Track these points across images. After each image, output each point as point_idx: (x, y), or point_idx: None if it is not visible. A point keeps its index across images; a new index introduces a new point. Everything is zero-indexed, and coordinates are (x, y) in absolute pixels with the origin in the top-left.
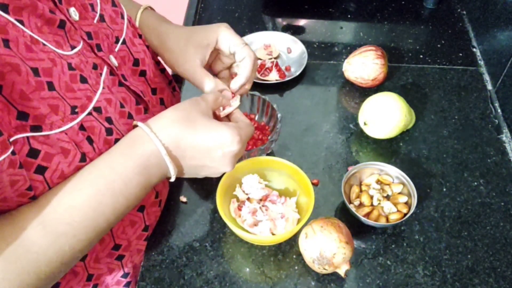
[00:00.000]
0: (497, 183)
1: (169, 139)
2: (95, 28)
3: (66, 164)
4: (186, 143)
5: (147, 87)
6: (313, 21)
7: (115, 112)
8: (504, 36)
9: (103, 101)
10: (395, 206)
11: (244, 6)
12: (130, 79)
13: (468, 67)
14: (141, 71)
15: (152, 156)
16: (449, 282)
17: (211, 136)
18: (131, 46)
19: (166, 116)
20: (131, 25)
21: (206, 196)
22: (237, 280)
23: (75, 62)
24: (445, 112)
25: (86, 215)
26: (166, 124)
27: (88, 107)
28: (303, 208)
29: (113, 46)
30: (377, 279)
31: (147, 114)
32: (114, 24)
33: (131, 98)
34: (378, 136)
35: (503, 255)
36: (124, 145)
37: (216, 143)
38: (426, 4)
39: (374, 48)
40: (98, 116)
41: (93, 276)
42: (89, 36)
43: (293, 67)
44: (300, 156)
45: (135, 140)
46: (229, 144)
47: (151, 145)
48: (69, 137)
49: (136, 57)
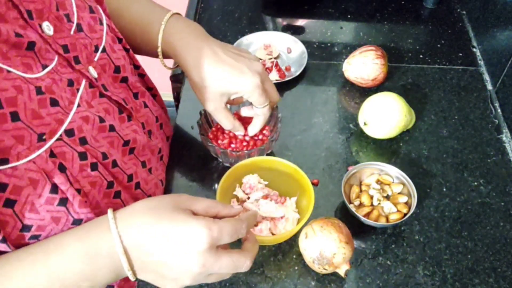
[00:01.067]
0: (497, 183)
1: (128, 230)
2: (72, 40)
3: (35, 196)
4: (146, 234)
5: (129, 93)
6: (313, 21)
7: (92, 129)
8: (504, 36)
9: (78, 121)
10: (395, 206)
11: (244, 6)
12: (111, 87)
13: (468, 67)
14: (122, 77)
15: (103, 245)
16: (449, 282)
17: (174, 228)
18: (111, 53)
19: (136, 205)
20: (110, 30)
21: (206, 196)
22: (237, 280)
23: (45, 85)
24: (445, 112)
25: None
26: (131, 212)
27: (57, 132)
28: (303, 208)
29: (92, 55)
30: (377, 279)
31: (131, 121)
32: (92, 32)
33: (114, 108)
34: (378, 136)
35: (503, 255)
36: (82, 227)
37: (177, 238)
38: (426, 4)
39: (374, 48)
40: (70, 140)
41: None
42: (65, 49)
43: (293, 67)
44: (300, 156)
45: (94, 225)
46: (194, 238)
47: (107, 234)
48: (37, 166)
49: (117, 64)
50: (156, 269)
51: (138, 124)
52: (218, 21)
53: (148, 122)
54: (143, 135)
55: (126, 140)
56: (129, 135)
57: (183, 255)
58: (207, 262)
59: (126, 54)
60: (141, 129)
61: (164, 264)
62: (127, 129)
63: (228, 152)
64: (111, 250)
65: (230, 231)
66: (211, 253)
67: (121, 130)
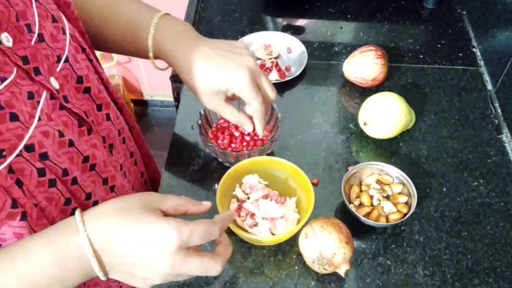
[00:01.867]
0: (497, 183)
1: (97, 231)
2: (33, 51)
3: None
4: (113, 237)
5: (92, 104)
6: (313, 21)
7: (53, 144)
8: (504, 36)
9: (38, 136)
10: (395, 206)
11: (244, 6)
12: (73, 99)
13: (468, 67)
14: (85, 88)
15: (72, 247)
16: (449, 282)
17: (143, 229)
18: (74, 63)
19: (103, 205)
20: (73, 40)
21: (206, 196)
22: (237, 280)
23: (4, 99)
24: (445, 112)
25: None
26: (98, 214)
27: (17, 148)
28: (303, 208)
29: (54, 66)
30: (377, 279)
31: (91, 135)
32: (55, 42)
33: (73, 121)
34: (378, 136)
35: (503, 255)
36: (49, 231)
37: (146, 239)
38: (426, 4)
39: (374, 48)
40: (29, 155)
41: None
42: (25, 60)
43: (293, 67)
44: (300, 156)
45: (62, 228)
46: (163, 239)
47: (75, 236)
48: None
49: (79, 74)
50: (125, 269)
51: (98, 138)
52: (219, 21)
53: (110, 135)
54: (102, 150)
55: (85, 156)
56: (88, 151)
57: (152, 257)
58: (176, 263)
59: (90, 64)
60: (101, 143)
61: (133, 265)
62: (86, 143)
63: (228, 152)
64: (81, 252)
65: (201, 233)
66: (180, 254)
67: (80, 145)
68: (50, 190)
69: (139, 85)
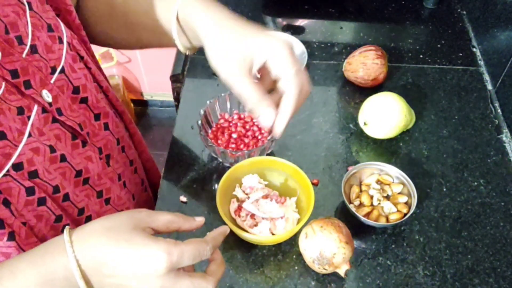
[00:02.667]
0: (497, 183)
1: (85, 253)
2: (23, 63)
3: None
4: (103, 257)
5: (89, 114)
6: (313, 21)
7: (44, 161)
8: (504, 36)
9: (27, 153)
10: (395, 206)
11: (244, 6)
12: (68, 111)
13: (468, 67)
14: (81, 98)
15: (60, 269)
16: (449, 282)
17: (132, 251)
18: (71, 73)
19: (92, 224)
20: (71, 49)
21: (206, 196)
22: (237, 280)
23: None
24: (445, 112)
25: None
26: (87, 233)
27: (4, 167)
28: (303, 208)
29: (47, 78)
30: (377, 279)
31: (86, 147)
32: (50, 53)
33: (66, 134)
34: (378, 136)
35: (503, 255)
36: (36, 251)
37: (136, 262)
38: (426, 4)
39: (374, 48)
40: (17, 174)
41: None
42: (14, 74)
43: None
44: (300, 156)
45: (49, 248)
46: (153, 263)
47: (63, 257)
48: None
49: (76, 85)
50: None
51: (93, 150)
52: None
53: (107, 146)
54: (97, 161)
55: (78, 170)
56: (81, 164)
57: (141, 278)
58: (165, 285)
59: (88, 73)
60: (97, 155)
61: (122, 286)
62: (79, 156)
63: (228, 152)
64: (68, 273)
65: (191, 254)
66: (170, 276)
67: (72, 159)
68: (40, 208)
69: (139, 85)
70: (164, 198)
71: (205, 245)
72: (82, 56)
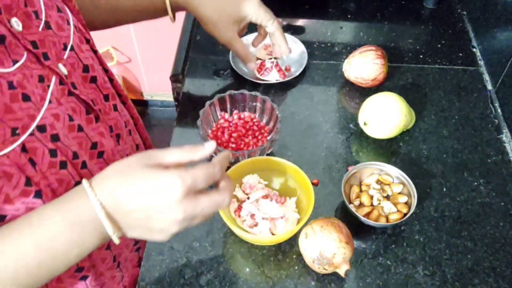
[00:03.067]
0: (497, 183)
1: (106, 195)
2: (41, 36)
3: (10, 187)
4: (123, 198)
5: (98, 94)
6: (313, 21)
7: (63, 127)
8: (504, 36)
9: (49, 117)
10: (395, 206)
11: None
12: (81, 87)
13: (468, 67)
14: (91, 77)
15: (85, 212)
16: (449, 282)
17: (148, 184)
18: (79, 53)
19: (107, 169)
20: (77, 31)
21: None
22: (237, 280)
23: (17, 80)
24: (445, 112)
25: (5, 265)
26: (105, 179)
27: (30, 127)
28: (303, 208)
29: (61, 53)
30: (377, 279)
31: (99, 123)
32: (61, 30)
33: (81, 108)
34: (378, 136)
35: (503, 255)
36: (61, 199)
37: (154, 193)
38: (426, 4)
39: (374, 48)
40: (42, 136)
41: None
42: (34, 45)
43: (293, 67)
44: (300, 156)
45: (73, 195)
46: (169, 189)
47: (86, 201)
48: (11, 160)
49: (85, 63)
50: (141, 225)
51: (105, 127)
52: None
53: (117, 125)
54: (109, 138)
55: (94, 142)
56: (96, 137)
57: (163, 207)
58: (187, 208)
59: (94, 56)
60: (108, 132)
61: (147, 219)
62: (93, 131)
63: None
64: (94, 216)
65: (203, 176)
66: (189, 199)
67: (88, 131)
68: (61, 172)
69: (139, 85)
70: None
71: (213, 167)
72: (88, 39)
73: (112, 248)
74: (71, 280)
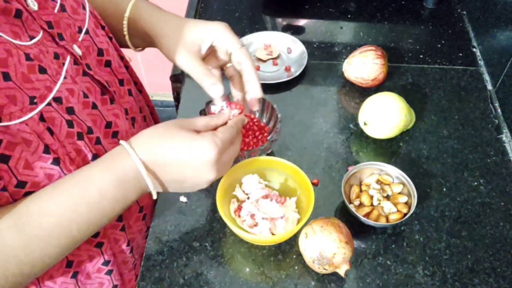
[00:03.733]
0: (497, 183)
1: (146, 154)
2: (56, 18)
3: (29, 153)
4: (163, 157)
5: (113, 78)
6: (313, 21)
7: (78, 103)
8: (504, 36)
9: (64, 91)
10: (395, 206)
11: (244, 6)
12: (96, 68)
13: (468, 67)
14: (106, 61)
15: (129, 170)
16: (449, 282)
17: (184, 148)
18: (95, 37)
19: (145, 133)
20: (93, 16)
21: (206, 196)
22: (237, 280)
23: (33, 53)
24: (445, 112)
25: (58, 222)
26: (144, 140)
27: (47, 97)
28: (303, 208)
29: (76, 35)
30: (377, 279)
31: (114, 104)
32: (75, 14)
33: (96, 88)
34: (378, 136)
35: (503, 255)
36: (103, 159)
37: (190, 154)
38: (426, 4)
39: (374, 48)
40: (58, 107)
41: (73, 263)
42: (49, 25)
43: (293, 67)
44: (300, 156)
45: (115, 155)
46: (206, 152)
47: (129, 160)
48: (30, 128)
49: (100, 47)
50: (176, 183)
51: (120, 109)
52: (218, 21)
53: (132, 109)
54: (124, 120)
55: (108, 121)
56: (110, 117)
57: (198, 170)
58: (219, 168)
59: (109, 41)
60: (124, 114)
61: (183, 179)
62: (108, 111)
63: None
64: (136, 173)
65: (229, 140)
66: (219, 160)
67: (103, 110)
68: (79, 142)
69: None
70: (164, 198)
71: (233, 129)
72: (103, 26)
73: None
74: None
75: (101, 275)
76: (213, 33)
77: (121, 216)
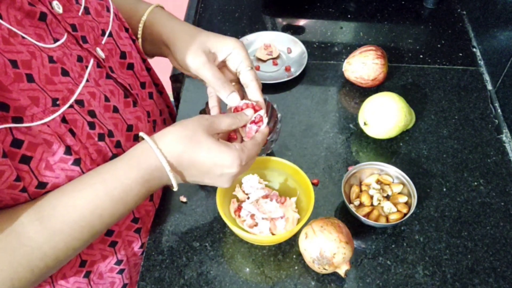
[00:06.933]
0: (497, 183)
1: (173, 156)
2: (80, 21)
3: (50, 154)
4: (188, 161)
5: (135, 81)
6: (313, 21)
7: (99, 106)
8: (504, 36)
9: (86, 94)
10: (395, 206)
11: (244, 6)
12: (118, 71)
13: (468, 67)
14: (128, 64)
15: (155, 171)
16: (449, 282)
17: (212, 158)
18: (118, 39)
19: (172, 133)
20: (117, 19)
21: (206, 196)
22: (237, 280)
23: (57, 55)
24: (445, 112)
25: (83, 216)
26: (171, 141)
27: (69, 100)
28: (303, 208)
29: (99, 38)
30: (377, 279)
31: (136, 107)
32: (99, 17)
33: (119, 91)
34: (378, 136)
35: (503, 255)
36: (129, 156)
37: (216, 165)
38: (426, 4)
39: (374, 48)
40: (80, 109)
41: (86, 263)
42: (73, 28)
43: (293, 67)
44: (300, 156)
45: (141, 153)
46: (229, 167)
47: (156, 161)
48: (51, 130)
49: (123, 50)
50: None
51: (143, 112)
52: (219, 21)
53: (153, 112)
54: (146, 123)
55: (129, 124)
56: (132, 120)
57: (219, 177)
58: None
59: (132, 44)
60: (146, 117)
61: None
62: (130, 114)
63: None
64: (162, 173)
65: (253, 156)
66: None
67: (124, 114)
68: (100, 143)
69: None
70: (164, 198)
71: (259, 146)
72: (127, 28)
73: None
74: (100, 246)
75: (113, 274)
76: (230, 48)
77: (137, 218)
